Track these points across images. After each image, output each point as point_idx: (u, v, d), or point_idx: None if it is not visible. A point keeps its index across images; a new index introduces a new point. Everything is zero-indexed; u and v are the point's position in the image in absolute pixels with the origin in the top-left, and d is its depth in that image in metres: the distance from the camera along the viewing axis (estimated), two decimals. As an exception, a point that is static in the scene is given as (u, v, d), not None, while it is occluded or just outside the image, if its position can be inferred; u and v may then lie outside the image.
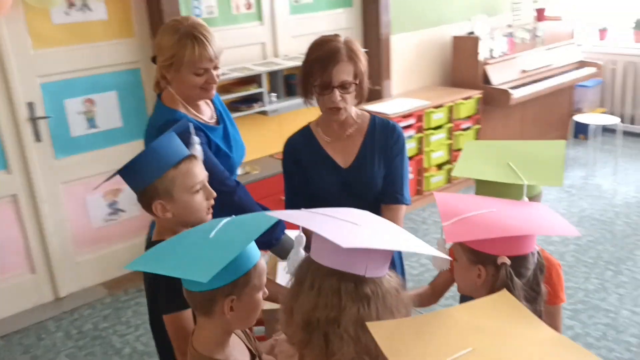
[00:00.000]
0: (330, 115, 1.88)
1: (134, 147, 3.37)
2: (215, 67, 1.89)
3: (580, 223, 4.21)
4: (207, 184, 1.59)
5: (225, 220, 1.33)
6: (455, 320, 1.04)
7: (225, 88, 3.70)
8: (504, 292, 1.09)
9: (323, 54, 1.81)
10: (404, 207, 1.95)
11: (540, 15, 5.47)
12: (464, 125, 4.71)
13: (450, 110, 4.58)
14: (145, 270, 1.33)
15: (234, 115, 3.55)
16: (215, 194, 1.59)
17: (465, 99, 4.66)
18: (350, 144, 1.94)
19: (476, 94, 4.74)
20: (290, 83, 3.97)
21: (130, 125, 3.62)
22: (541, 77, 5.16)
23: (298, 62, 3.94)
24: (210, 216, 1.60)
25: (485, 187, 1.61)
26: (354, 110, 1.94)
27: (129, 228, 3.72)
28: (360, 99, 1.90)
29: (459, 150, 4.59)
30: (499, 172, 1.62)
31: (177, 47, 1.81)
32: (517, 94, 4.77)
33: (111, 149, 3.57)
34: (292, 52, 4.09)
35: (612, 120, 4.99)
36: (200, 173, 1.57)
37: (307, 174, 1.94)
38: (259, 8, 3.97)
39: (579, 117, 5.10)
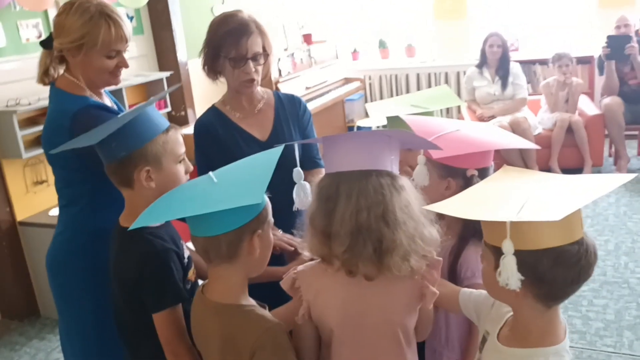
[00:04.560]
0: (243, 88, 1.90)
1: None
2: (125, 50, 1.77)
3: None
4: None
5: (212, 173, 1.30)
6: (492, 187, 1.20)
7: (32, 120, 3.32)
8: (506, 166, 1.26)
9: (233, 27, 1.82)
10: (323, 169, 2.04)
11: (307, 39, 6.04)
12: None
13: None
14: (176, 216, 1.22)
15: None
16: (192, 168, 1.52)
17: (269, 114, 4.90)
18: (263, 117, 1.97)
19: (275, 109, 5.00)
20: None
21: None
22: (321, 93, 5.70)
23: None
24: None
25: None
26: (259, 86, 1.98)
27: None
28: (266, 73, 1.96)
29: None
30: (408, 110, 1.85)
31: (89, 27, 1.65)
32: (309, 107, 5.18)
33: None
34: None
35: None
36: (182, 143, 1.48)
37: (225, 150, 1.90)
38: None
39: (361, 122, 5.74)
